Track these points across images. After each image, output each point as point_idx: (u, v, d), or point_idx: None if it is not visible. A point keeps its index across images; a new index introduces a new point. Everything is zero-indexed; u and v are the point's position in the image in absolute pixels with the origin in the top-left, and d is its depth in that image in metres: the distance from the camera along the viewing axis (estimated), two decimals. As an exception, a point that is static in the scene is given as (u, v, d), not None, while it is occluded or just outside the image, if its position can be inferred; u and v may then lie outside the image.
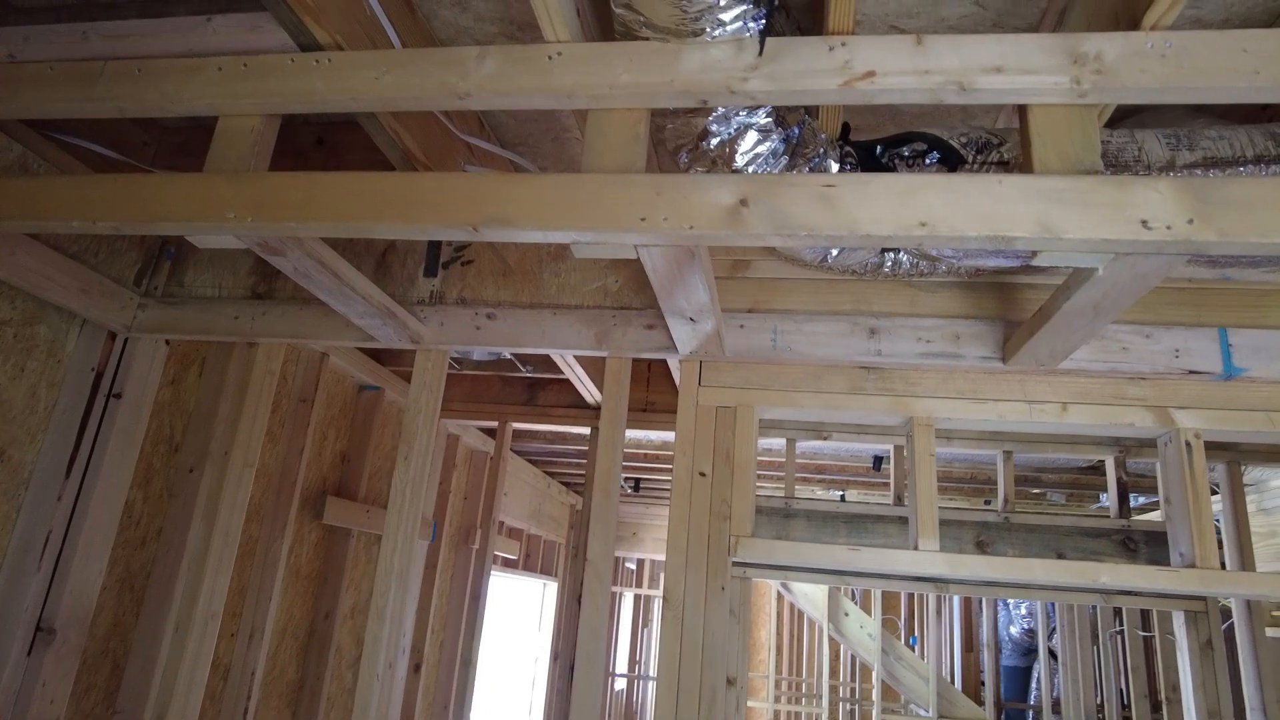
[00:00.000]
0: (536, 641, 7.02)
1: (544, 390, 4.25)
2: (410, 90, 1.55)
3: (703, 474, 2.04)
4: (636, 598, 8.24)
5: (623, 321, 2.16)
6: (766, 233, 1.42)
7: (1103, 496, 5.34)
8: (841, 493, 5.79)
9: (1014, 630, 7.67)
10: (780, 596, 9.80)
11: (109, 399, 2.31)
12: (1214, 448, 3.18)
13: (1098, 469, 4.91)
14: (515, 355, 3.63)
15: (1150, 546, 3.69)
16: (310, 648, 3.40)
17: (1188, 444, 2.00)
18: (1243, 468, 3.56)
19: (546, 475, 6.18)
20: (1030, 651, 7.83)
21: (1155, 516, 4.58)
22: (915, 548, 1.94)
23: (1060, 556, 3.63)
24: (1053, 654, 7.37)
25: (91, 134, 2.18)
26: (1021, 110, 1.45)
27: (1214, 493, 3.87)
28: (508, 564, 6.04)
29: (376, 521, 3.70)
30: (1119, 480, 3.83)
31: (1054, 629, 7.36)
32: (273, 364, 2.41)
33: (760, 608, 11.53)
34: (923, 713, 6.52)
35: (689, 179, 1.46)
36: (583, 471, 6.01)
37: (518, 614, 6.97)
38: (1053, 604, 6.92)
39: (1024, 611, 7.58)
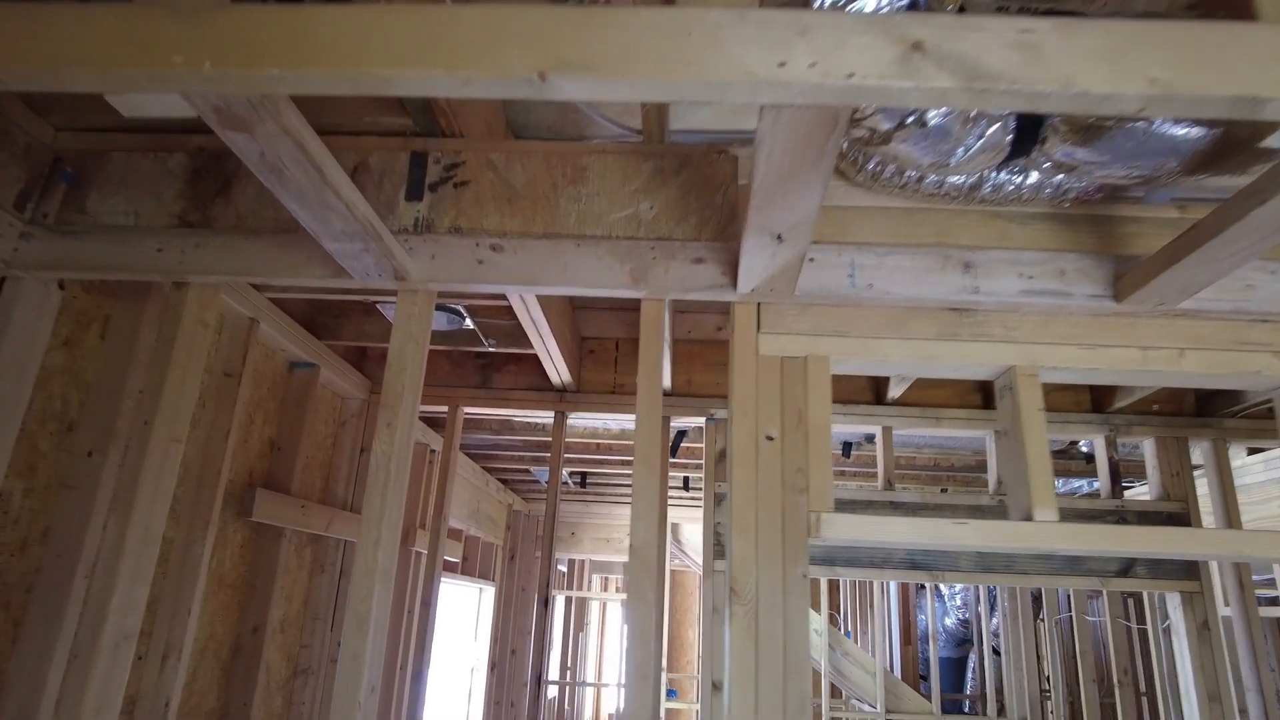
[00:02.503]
0: (473, 650, 6.43)
1: (499, 371, 3.75)
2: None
3: (770, 438, 1.63)
4: (569, 600, 7.74)
5: (664, 255, 1.72)
6: (952, 85, 1.02)
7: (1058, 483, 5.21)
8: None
9: (949, 621, 7.57)
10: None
11: (-19, 354, 1.71)
12: None
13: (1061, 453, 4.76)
14: (480, 326, 3.13)
15: (1145, 525, 3.49)
16: (235, 669, 2.80)
17: (1318, 395, 1.71)
18: None
19: (484, 472, 5.63)
20: (964, 641, 7.75)
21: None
22: (1030, 518, 1.58)
23: (1056, 540, 3.38)
24: (995, 650, 7.30)
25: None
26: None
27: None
28: (449, 567, 5.46)
29: (313, 518, 3.13)
30: (1110, 460, 3.63)
31: (995, 621, 7.29)
32: (206, 313, 1.86)
33: (687, 607, 11.18)
34: (868, 708, 6.28)
35: (843, 16, 1.04)
36: (524, 468, 5.49)
37: (453, 621, 6.37)
38: (994, 590, 6.83)
39: (959, 602, 7.48)
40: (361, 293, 2.64)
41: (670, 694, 8.13)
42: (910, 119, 1.46)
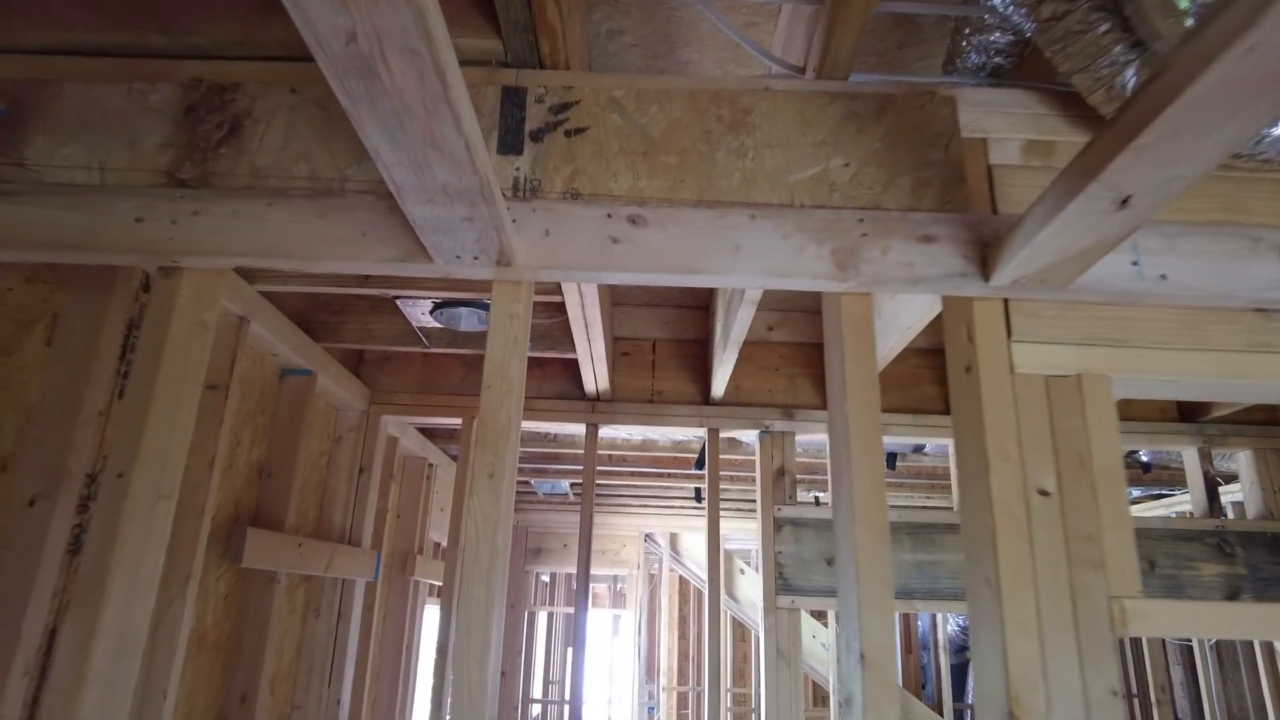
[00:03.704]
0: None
1: (519, 377, 3.18)
2: None
3: (1044, 492, 1.13)
4: (551, 616, 7.19)
5: (878, 230, 1.20)
6: None
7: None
8: (816, 495, 5.01)
9: (949, 628, 7.22)
10: (695, 600, 9.02)
11: None
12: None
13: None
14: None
15: (1247, 550, 3.11)
16: (219, 753, 2.21)
17: None
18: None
19: (476, 482, 5.02)
20: (963, 649, 7.42)
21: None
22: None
23: (1152, 565, 2.98)
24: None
25: None
26: None
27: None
28: (432, 590, 4.86)
29: (312, 558, 2.53)
30: (1205, 474, 3.23)
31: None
32: (207, 310, 1.27)
33: (682, 617, 10.67)
34: (878, 723, 5.87)
35: None
36: (523, 480, 4.91)
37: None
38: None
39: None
40: (389, 283, 2.06)
41: (650, 710, 7.63)
42: None
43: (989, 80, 1.42)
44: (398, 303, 2.23)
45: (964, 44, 1.45)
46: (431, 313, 2.26)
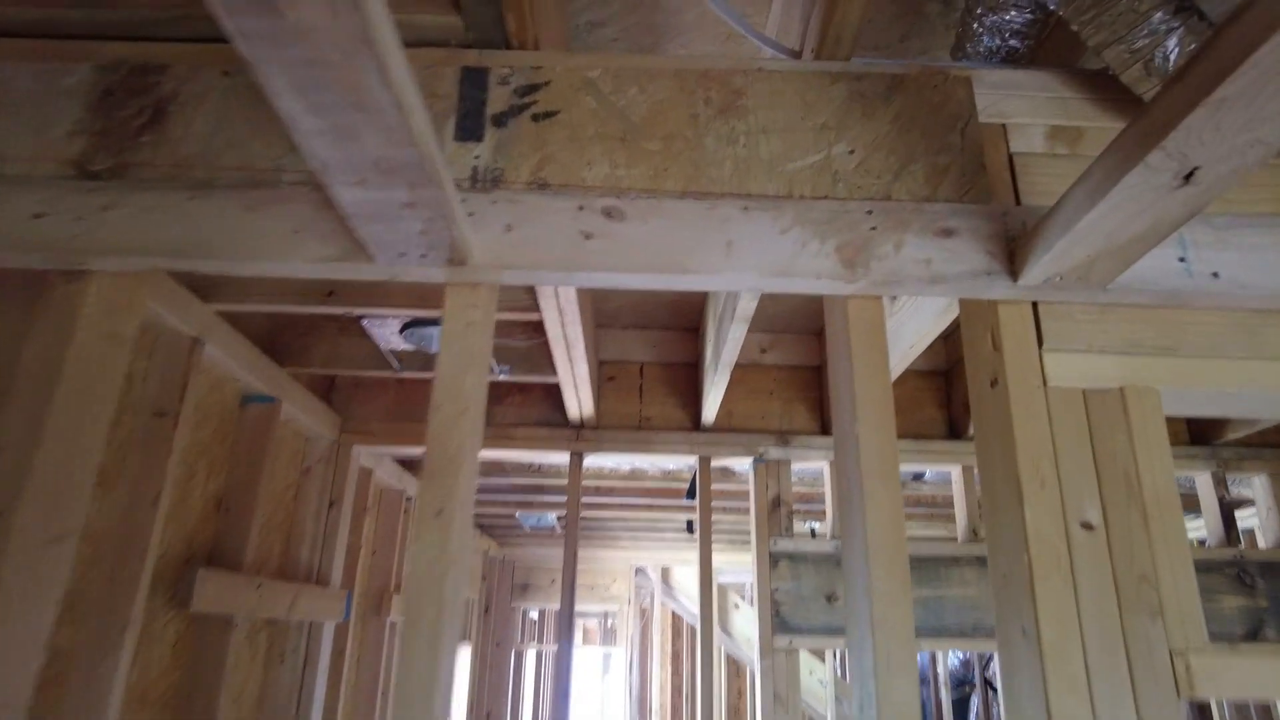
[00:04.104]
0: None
1: (502, 403, 3.00)
2: None
3: (1088, 525, 0.96)
4: (540, 654, 6.93)
5: (890, 224, 1.04)
6: None
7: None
8: (813, 525, 4.81)
9: (950, 662, 7.00)
10: (688, 636, 8.72)
11: None
12: None
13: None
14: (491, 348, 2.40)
15: (1267, 580, 2.94)
16: (163, 824, 1.99)
17: None
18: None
19: (460, 515, 4.81)
20: (963, 683, 7.20)
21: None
22: None
23: (1169, 598, 2.80)
24: (990, 685, 6.75)
25: None
26: None
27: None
28: (414, 629, 4.62)
29: (272, 600, 2.33)
30: (1221, 501, 3.07)
31: (989, 658, 6.74)
32: (120, 321, 1.09)
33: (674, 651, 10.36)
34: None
35: None
36: (508, 512, 4.70)
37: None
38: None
39: (960, 642, 6.91)
40: (353, 299, 1.90)
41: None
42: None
43: (1003, 66, 1.27)
44: (363, 323, 2.06)
45: (975, 26, 1.30)
46: (401, 333, 2.09)
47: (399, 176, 0.82)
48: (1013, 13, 1.24)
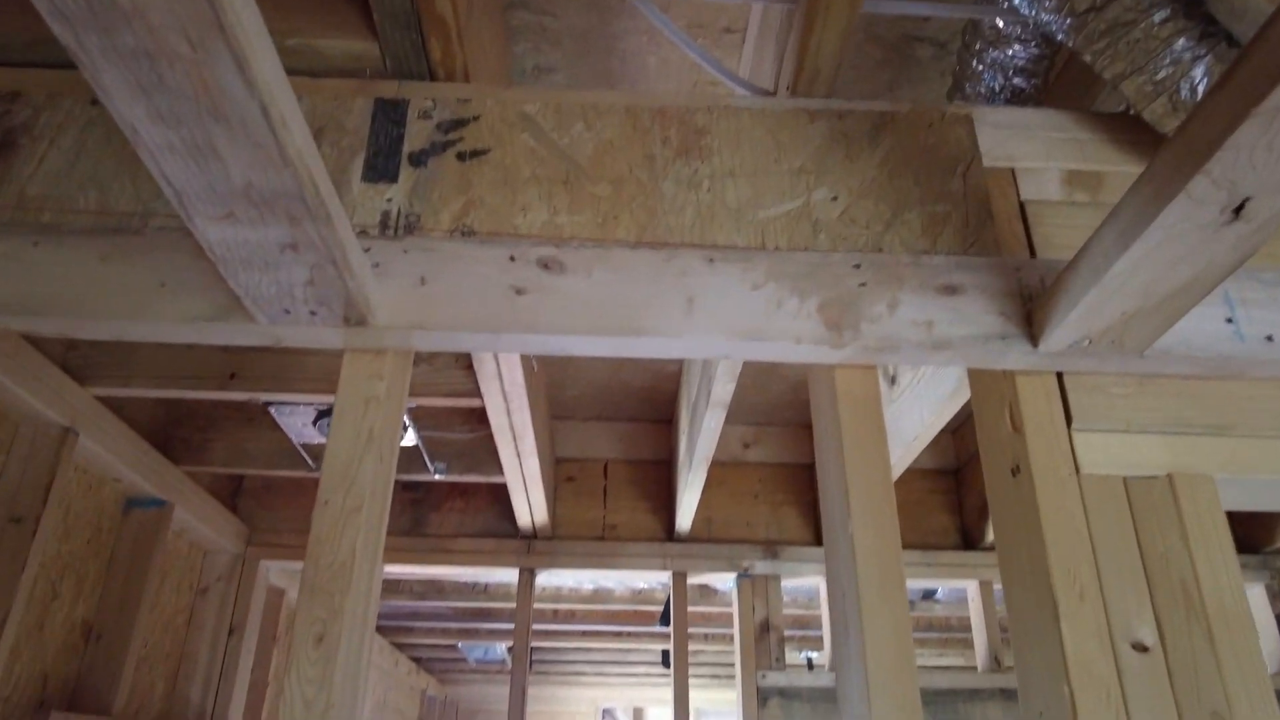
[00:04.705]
0: None
1: (439, 509, 2.86)
2: None
3: (1142, 646, 0.85)
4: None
5: (883, 279, 0.97)
6: None
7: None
8: (809, 655, 4.60)
9: None
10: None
11: None
12: None
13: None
14: (425, 442, 2.29)
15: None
16: None
17: None
18: None
19: (394, 649, 4.56)
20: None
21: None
22: None
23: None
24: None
25: None
26: None
27: None
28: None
29: (147, 755, 2.14)
30: (1279, 619, 2.96)
31: None
32: (-63, 395, 0.98)
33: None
34: None
35: None
36: (449, 643, 4.45)
37: None
38: None
39: None
40: (256, 384, 1.80)
41: None
42: None
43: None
44: (270, 410, 1.95)
45: (975, 64, 1.28)
46: (315, 424, 1.98)
47: (275, 209, 0.73)
48: (1016, 47, 1.22)
